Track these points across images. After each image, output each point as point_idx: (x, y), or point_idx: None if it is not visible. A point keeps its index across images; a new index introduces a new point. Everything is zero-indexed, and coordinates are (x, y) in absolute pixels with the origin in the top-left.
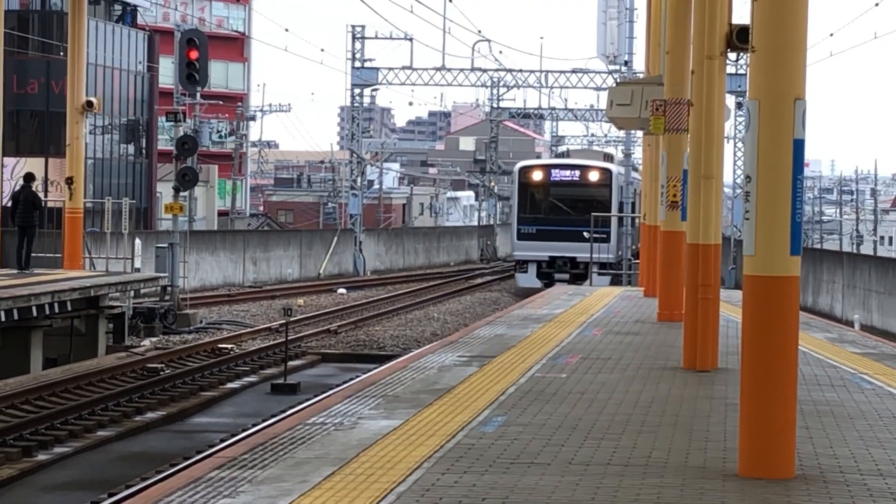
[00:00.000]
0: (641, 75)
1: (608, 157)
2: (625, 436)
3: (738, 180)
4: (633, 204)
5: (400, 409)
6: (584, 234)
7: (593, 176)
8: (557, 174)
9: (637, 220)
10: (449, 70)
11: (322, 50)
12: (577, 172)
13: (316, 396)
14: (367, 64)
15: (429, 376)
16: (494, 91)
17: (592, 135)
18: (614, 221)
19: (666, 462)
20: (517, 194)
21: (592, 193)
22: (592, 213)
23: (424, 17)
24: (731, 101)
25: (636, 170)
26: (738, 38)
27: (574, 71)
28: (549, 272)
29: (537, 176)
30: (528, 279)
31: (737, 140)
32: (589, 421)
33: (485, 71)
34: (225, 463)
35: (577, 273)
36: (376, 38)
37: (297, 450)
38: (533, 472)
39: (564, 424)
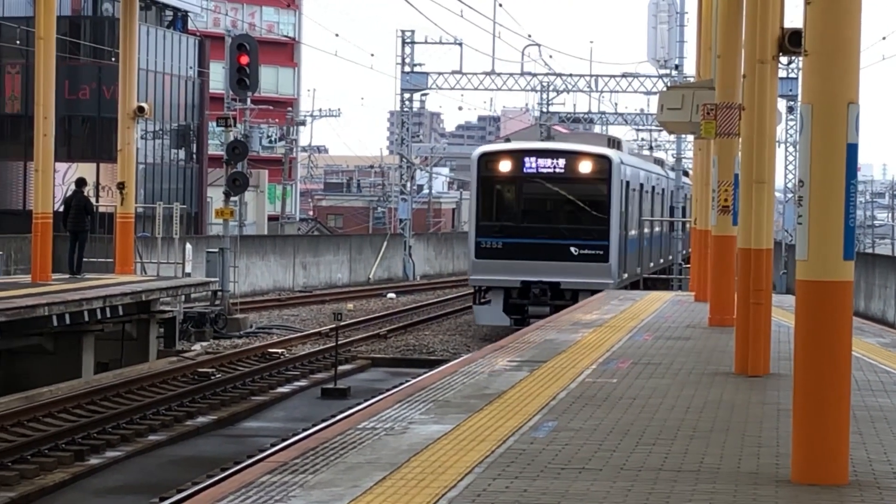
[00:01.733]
0: (692, 79)
1: (614, 142)
2: (676, 441)
3: (790, 185)
4: (684, 208)
5: (450, 414)
6: (572, 249)
7: (585, 166)
8: (533, 164)
9: (687, 225)
10: (499, 75)
11: (372, 55)
12: (562, 161)
13: (366, 401)
14: (416, 69)
15: (479, 381)
16: (544, 95)
17: (643, 139)
18: (615, 230)
19: (718, 468)
20: (476, 192)
21: (584, 191)
22: (581, 218)
23: (474, 22)
24: (782, 105)
25: (686, 174)
26: (791, 42)
27: (624, 75)
28: (522, 304)
29: (505, 166)
30: (490, 314)
31: (788, 144)
32: (640, 426)
33: (535, 75)
34: (276, 468)
35: (562, 305)
36: (426, 42)
37: (348, 454)
38: (584, 478)
39: (616, 430)
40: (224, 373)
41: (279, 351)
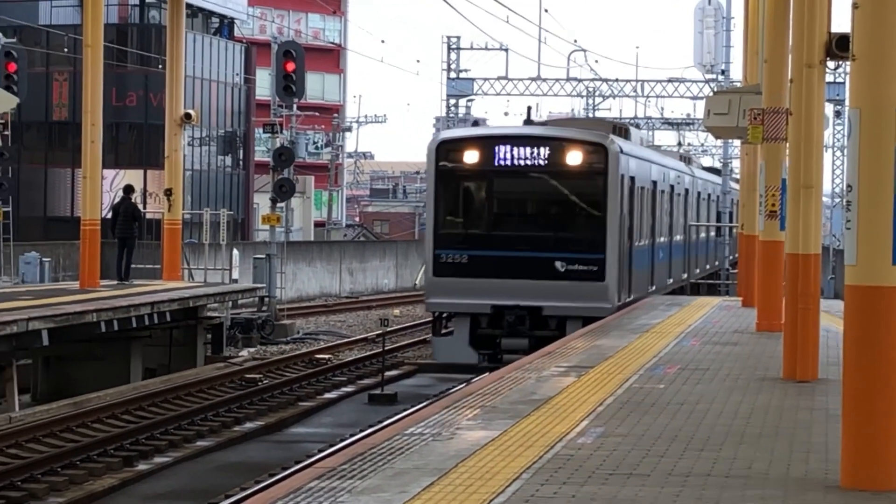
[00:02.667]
0: (739, 84)
1: (621, 130)
2: (725, 447)
3: (838, 189)
4: (731, 214)
5: (498, 420)
6: (558, 264)
7: (574, 157)
8: (507, 154)
9: (734, 230)
10: (544, 80)
11: (418, 61)
12: (544, 151)
13: (413, 407)
14: (462, 74)
15: (526, 386)
16: (590, 101)
17: (689, 144)
18: (614, 239)
19: (767, 474)
20: (433, 192)
21: (573, 189)
22: (570, 224)
23: (520, 27)
24: (829, 109)
25: (734, 180)
26: (838, 47)
27: (670, 80)
28: (493, 335)
29: (471, 157)
30: (452, 348)
31: (835, 149)
32: (688, 432)
33: (580, 81)
34: (324, 473)
35: (546, 338)
36: (471, 48)
37: (396, 460)
38: (632, 484)
39: (663, 435)
40: (271, 379)
41: (326, 357)
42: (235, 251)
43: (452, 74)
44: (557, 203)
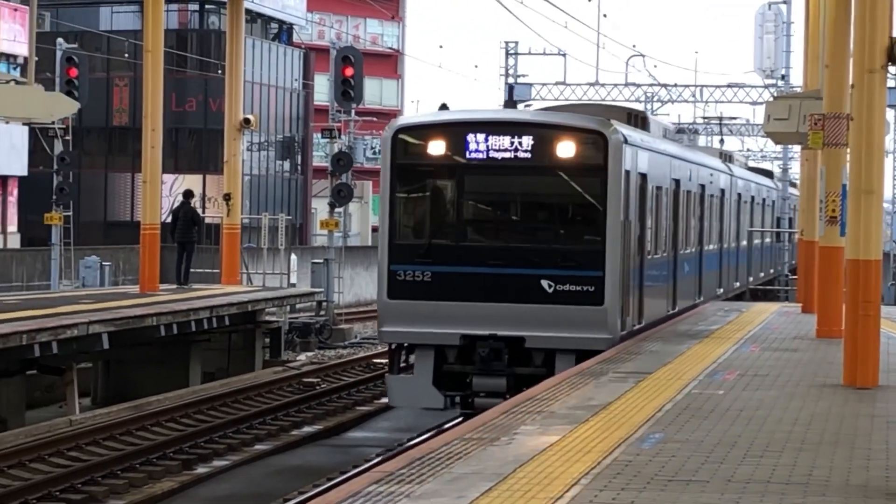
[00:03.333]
0: (799, 89)
1: (637, 118)
2: (784, 453)
3: None
4: (791, 220)
5: (556, 425)
6: (545, 284)
7: (565, 148)
8: (481, 145)
9: (794, 236)
10: (602, 85)
11: (476, 66)
12: (527, 141)
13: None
14: (520, 80)
15: (585, 392)
16: (648, 106)
17: (748, 149)
18: (615, 251)
19: (827, 480)
20: (388, 192)
21: (563, 189)
22: (560, 233)
23: (578, 33)
24: (891, 115)
25: (794, 185)
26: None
27: (730, 85)
28: (464, 373)
29: (435, 148)
30: (411, 389)
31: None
32: (747, 438)
33: (639, 86)
34: (383, 478)
35: (529, 376)
36: (530, 53)
37: (454, 465)
38: (691, 490)
39: (722, 441)
40: (329, 383)
41: (384, 361)
42: (293, 256)
43: (511, 80)
44: (544, 206)
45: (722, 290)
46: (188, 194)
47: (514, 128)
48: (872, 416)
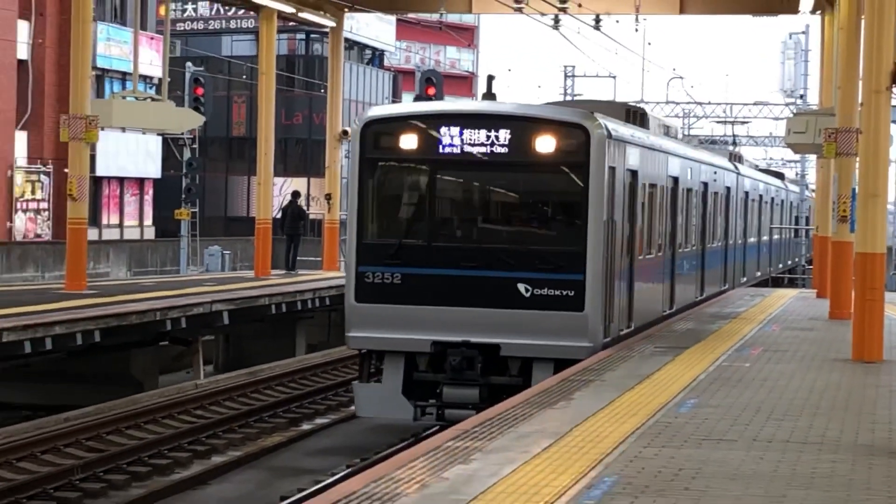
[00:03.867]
0: (816, 107)
1: (636, 115)
2: (802, 417)
3: None
4: (807, 218)
5: (607, 392)
6: (522, 288)
7: (544, 143)
8: (455, 139)
9: (811, 232)
10: (647, 103)
11: (539, 87)
12: (504, 134)
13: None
14: (576, 98)
15: (631, 364)
16: (686, 121)
17: (771, 158)
18: (597, 253)
19: (838, 440)
20: (357, 187)
21: (542, 186)
22: (538, 234)
23: (626, 58)
24: (894, 129)
25: (810, 189)
26: None
27: (756, 103)
28: (435, 382)
29: (407, 141)
30: (379, 398)
31: None
32: (770, 404)
33: (678, 104)
34: (459, 434)
35: (505, 387)
36: (585, 76)
37: (521, 425)
38: (722, 448)
39: (749, 407)
40: None
41: None
42: None
43: (568, 98)
44: (521, 205)
45: (727, 286)
46: (296, 194)
47: (490, 121)
48: (877, 387)
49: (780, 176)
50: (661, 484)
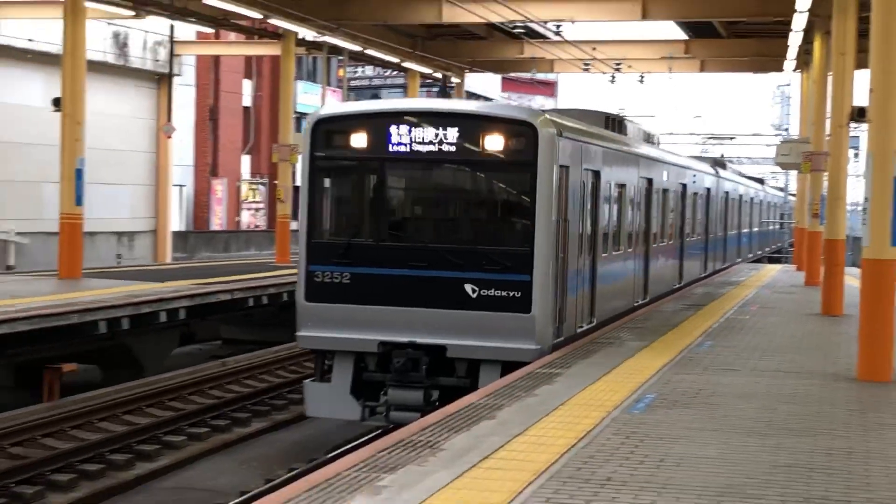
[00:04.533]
0: (797, 136)
1: (615, 122)
2: (786, 354)
3: (855, 199)
4: (789, 215)
5: (647, 336)
6: (469, 288)
7: (492, 141)
8: (404, 137)
9: (791, 225)
10: (676, 134)
11: None
12: (452, 133)
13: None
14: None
15: (665, 316)
16: (705, 148)
17: (762, 172)
18: (545, 253)
19: (812, 370)
20: (308, 186)
21: (491, 185)
22: (486, 233)
23: (662, 101)
24: (851, 153)
25: (791, 194)
26: (858, 115)
27: (754, 134)
28: (381, 381)
29: (357, 140)
30: (329, 397)
31: (855, 176)
32: (764, 344)
33: (699, 135)
34: (493, 391)
35: (452, 388)
36: (633, 115)
37: (589, 357)
38: (730, 375)
39: (749, 346)
40: None
41: None
42: None
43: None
44: (469, 204)
45: (709, 271)
46: None
47: (438, 119)
48: (839, 334)
49: (760, 181)
50: (687, 399)
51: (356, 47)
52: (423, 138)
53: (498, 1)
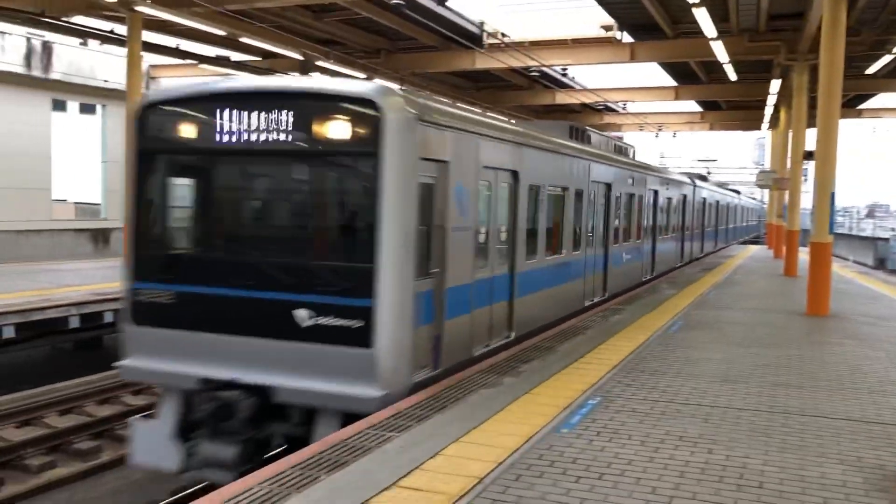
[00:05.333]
0: (768, 168)
1: (579, 132)
2: (759, 299)
3: (806, 206)
4: (763, 215)
5: (672, 289)
6: (300, 315)
7: (329, 127)
8: (233, 125)
9: (764, 222)
10: (688, 166)
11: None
12: (286, 119)
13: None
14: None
15: (683, 277)
16: (707, 170)
17: (749, 190)
18: (394, 272)
19: (776, 309)
20: (134, 186)
21: (328, 185)
22: (322, 245)
23: (683, 147)
24: (804, 178)
25: (764, 202)
26: (808, 155)
27: (740, 168)
28: (197, 425)
29: (187, 129)
30: (153, 440)
31: (806, 192)
32: (747, 293)
33: (700, 171)
34: (492, 366)
35: (267, 439)
36: (669, 156)
37: (637, 301)
38: (728, 310)
39: (736, 293)
40: None
41: None
42: None
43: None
44: (305, 208)
45: (686, 260)
46: None
47: (268, 101)
48: (794, 287)
49: (737, 192)
50: (702, 325)
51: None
52: (252, 125)
53: (514, 49)
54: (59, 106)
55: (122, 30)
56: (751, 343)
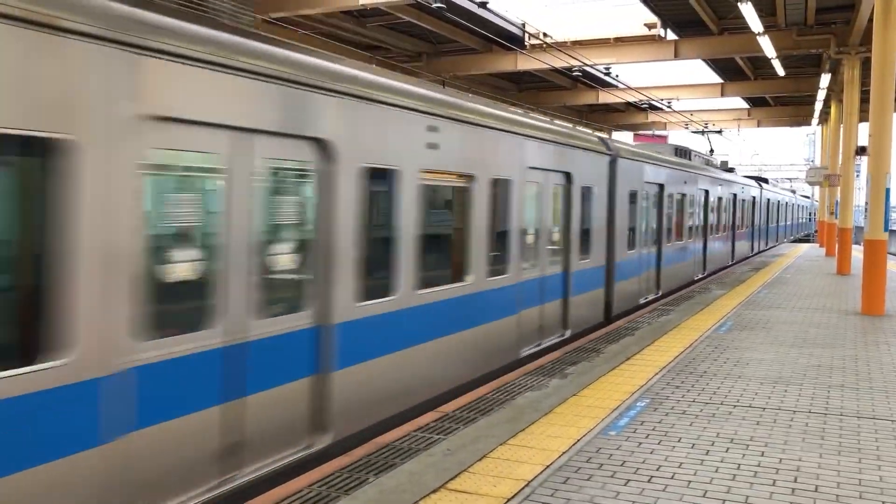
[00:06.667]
0: (819, 164)
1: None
2: (814, 298)
3: (858, 203)
4: (815, 212)
5: (722, 290)
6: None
7: None
8: None
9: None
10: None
11: None
12: None
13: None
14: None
15: (738, 274)
16: (759, 170)
17: (800, 187)
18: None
19: (831, 308)
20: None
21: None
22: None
23: (734, 145)
24: (855, 174)
25: (815, 200)
26: (860, 150)
27: (792, 164)
28: None
29: None
30: None
31: (858, 188)
32: (799, 293)
33: (757, 167)
34: (562, 357)
35: None
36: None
37: (696, 297)
38: (778, 310)
39: (790, 293)
40: None
41: None
42: None
43: None
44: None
45: (754, 252)
46: None
47: None
48: (849, 285)
49: (793, 192)
50: (752, 325)
51: None
52: None
53: (556, 49)
54: None
55: None
56: (803, 343)
